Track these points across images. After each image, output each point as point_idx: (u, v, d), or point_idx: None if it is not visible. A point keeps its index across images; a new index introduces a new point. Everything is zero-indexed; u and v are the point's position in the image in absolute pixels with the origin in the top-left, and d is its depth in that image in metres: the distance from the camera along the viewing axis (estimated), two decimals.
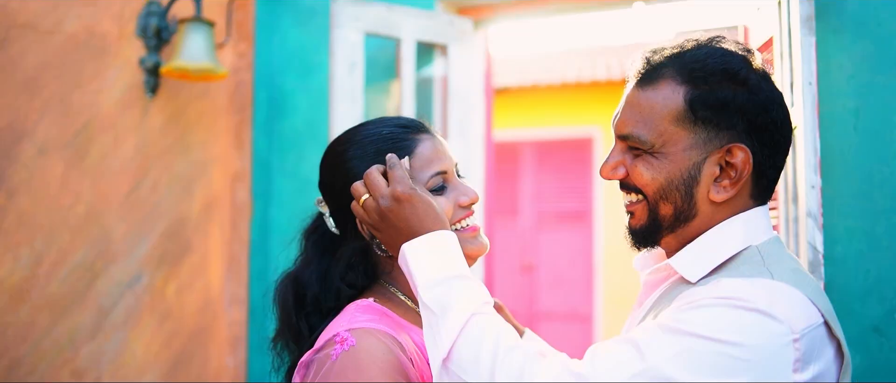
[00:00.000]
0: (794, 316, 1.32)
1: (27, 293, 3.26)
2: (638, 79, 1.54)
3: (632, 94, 1.54)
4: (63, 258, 3.39)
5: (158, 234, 3.78)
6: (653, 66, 1.52)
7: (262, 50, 4.17)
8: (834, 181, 2.77)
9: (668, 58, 1.52)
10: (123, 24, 3.62)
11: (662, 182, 1.48)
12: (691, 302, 1.36)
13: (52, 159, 3.35)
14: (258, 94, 4.18)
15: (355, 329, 1.49)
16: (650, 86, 1.50)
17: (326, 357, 1.47)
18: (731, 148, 1.46)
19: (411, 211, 1.49)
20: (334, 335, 1.49)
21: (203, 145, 3.98)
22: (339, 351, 1.46)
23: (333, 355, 1.46)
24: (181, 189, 3.89)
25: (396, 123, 1.68)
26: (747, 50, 1.54)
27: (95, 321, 3.50)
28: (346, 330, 1.49)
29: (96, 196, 3.52)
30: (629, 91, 1.55)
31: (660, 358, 1.28)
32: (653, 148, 1.48)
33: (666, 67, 1.50)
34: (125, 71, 3.62)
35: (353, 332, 1.48)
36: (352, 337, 1.47)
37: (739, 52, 1.52)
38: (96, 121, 3.51)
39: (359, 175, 1.60)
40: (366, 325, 1.51)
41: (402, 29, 3.52)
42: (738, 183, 1.47)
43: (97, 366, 3.50)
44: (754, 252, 1.47)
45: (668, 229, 1.54)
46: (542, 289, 9.16)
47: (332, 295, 1.67)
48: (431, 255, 1.45)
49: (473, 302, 1.40)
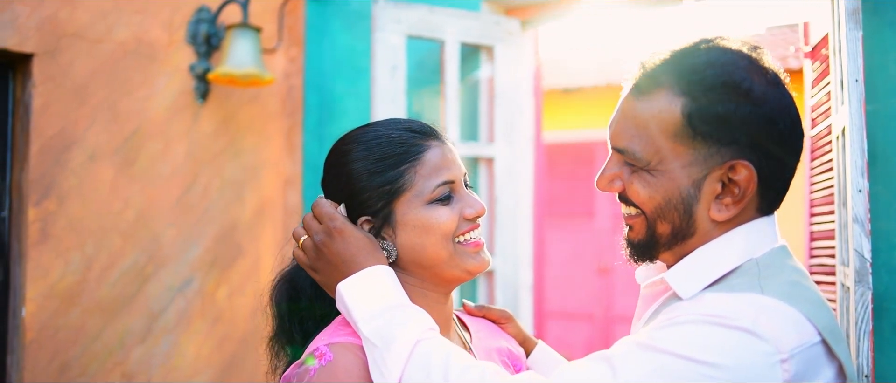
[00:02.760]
0: (783, 335, 1.20)
1: (78, 297, 3.33)
2: (633, 86, 1.43)
3: (626, 102, 1.42)
4: (113, 262, 3.46)
5: (210, 238, 3.82)
6: (648, 74, 1.40)
7: (312, 54, 4.17)
8: (885, 184, 2.57)
9: (664, 64, 1.39)
10: (173, 32, 3.67)
11: (660, 201, 1.38)
12: (671, 318, 1.27)
13: (101, 165, 3.42)
14: (309, 98, 4.19)
15: (334, 343, 1.46)
16: (645, 96, 1.38)
17: (305, 371, 1.44)
18: (734, 165, 1.34)
19: (344, 245, 1.46)
20: (314, 349, 1.47)
21: (254, 150, 4.01)
22: (316, 366, 1.43)
23: (311, 370, 1.43)
24: (232, 193, 3.92)
25: (406, 127, 1.61)
26: (755, 48, 1.40)
27: (146, 324, 3.56)
28: (326, 344, 1.46)
29: (146, 201, 3.57)
30: (624, 98, 1.44)
31: (632, 377, 1.20)
32: (649, 165, 1.37)
33: (662, 75, 1.38)
34: (175, 77, 3.68)
35: (331, 347, 1.45)
36: (330, 352, 1.44)
37: (745, 54, 1.38)
38: (146, 128, 3.57)
39: (361, 177, 1.54)
40: (345, 340, 1.47)
41: (445, 30, 3.46)
42: (742, 201, 1.36)
43: (147, 369, 3.56)
44: (752, 265, 1.34)
45: (665, 246, 1.43)
46: (618, 292, 8.97)
47: (325, 302, 1.63)
48: (368, 289, 1.42)
49: (417, 329, 1.35)
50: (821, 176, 2.99)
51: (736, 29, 5.63)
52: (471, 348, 1.68)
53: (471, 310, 1.83)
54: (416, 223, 1.51)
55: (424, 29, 3.45)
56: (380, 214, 1.53)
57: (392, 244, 1.54)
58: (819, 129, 2.99)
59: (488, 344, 1.74)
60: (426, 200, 1.52)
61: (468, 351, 1.65)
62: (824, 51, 2.93)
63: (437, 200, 1.54)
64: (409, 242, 1.52)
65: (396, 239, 1.53)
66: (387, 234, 1.54)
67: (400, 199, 1.52)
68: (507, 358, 1.74)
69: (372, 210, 1.54)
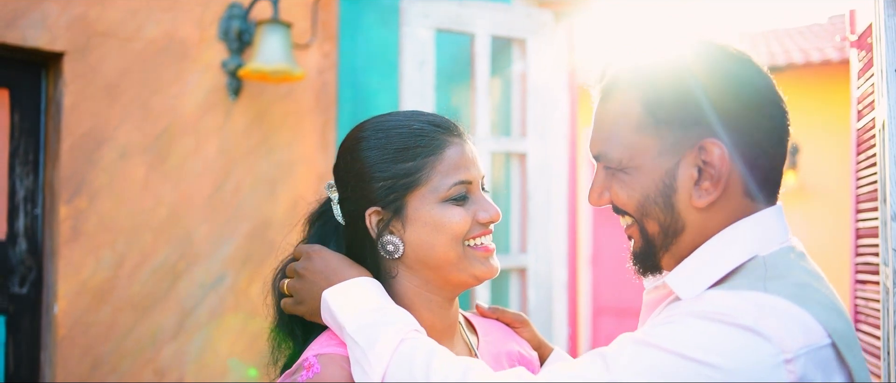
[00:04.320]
0: (788, 335, 1.12)
1: (109, 294, 3.35)
2: (599, 93, 1.42)
3: (596, 110, 1.42)
4: (145, 259, 3.47)
5: (242, 235, 3.82)
6: (609, 77, 1.39)
7: (345, 49, 4.14)
8: None
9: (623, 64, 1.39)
10: (205, 28, 3.66)
11: (639, 198, 1.33)
12: (670, 315, 1.22)
13: (133, 163, 3.43)
14: (342, 93, 4.16)
15: (322, 355, 1.42)
16: (608, 98, 1.38)
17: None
18: (703, 144, 1.27)
19: (324, 263, 1.45)
20: (304, 359, 1.44)
21: (288, 146, 4.00)
22: (304, 377, 1.40)
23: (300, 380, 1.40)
24: (266, 190, 3.91)
25: (429, 120, 1.54)
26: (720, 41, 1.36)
27: (178, 321, 3.57)
28: (314, 355, 1.43)
29: (178, 198, 3.58)
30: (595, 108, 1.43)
31: (626, 376, 1.14)
32: (621, 164, 1.34)
33: (621, 74, 1.37)
34: (207, 74, 3.67)
35: (319, 359, 1.42)
36: (318, 363, 1.41)
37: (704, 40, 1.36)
38: (177, 125, 3.57)
39: (376, 164, 1.49)
40: (333, 351, 1.43)
41: (475, 24, 3.39)
42: (720, 182, 1.28)
43: (179, 366, 3.57)
44: (759, 263, 1.26)
45: (662, 248, 1.36)
46: None
47: None
48: (353, 295, 1.40)
49: (403, 329, 1.32)
50: (866, 170, 2.86)
51: (781, 20, 5.44)
52: (476, 352, 1.62)
53: (484, 312, 1.77)
54: (428, 220, 1.46)
55: (454, 22, 3.38)
56: (391, 206, 1.48)
57: (400, 239, 1.48)
58: (864, 122, 2.86)
59: (498, 347, 1.68)
60: (441, 198, 1.46)
61: (473, 356, 1.60)
62: (869, 39, 2.79)
63: (451, 199, 1.48)
64: (417, 239, 1.47)
65: (405, 234, 1.48)
66: (395, 228, 1.48)
67: (414, 193, 1.47)
68: (517, 361, 1.68)
69: (383, 201, 1.48)
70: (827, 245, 7.47)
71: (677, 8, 7.48)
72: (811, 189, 8.44)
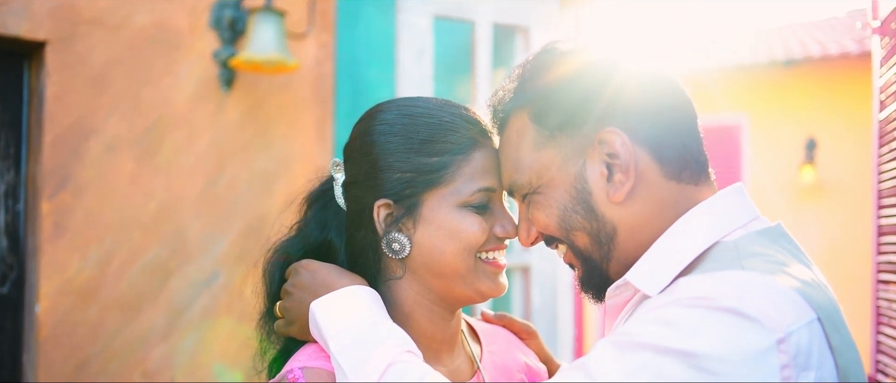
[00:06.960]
0: (776, 312, 1.01)
1: (95, 293, 3.23)
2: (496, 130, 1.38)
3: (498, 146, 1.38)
4: (134, 257, 3.35)
5: (237, 232, 3.69)
6: (497, 110, 1.35)
7: (343, 39, 4.00)
8: None
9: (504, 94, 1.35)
10: (196, 17, 3.53)
11: (558, 213, 1.26)
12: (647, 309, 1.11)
13: (121, 156, 3.31)
14: (340, 85, 4.02)
15: (309, 368, 1.32)
16: (503, 129, 1.34)
17: None
18: (601, 137, 1.22)
19: (311, 277, 1.35)
20: (289, 371, 1.33)
21: (284, 140, 3.86)
22: None
23: None
24: (261, 185, 3.78)
25: (461, 114, 1.40)
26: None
27: (169, 321, 3.45)
28: (300, 367, 1.32)
29: (169, 194, 3.45)
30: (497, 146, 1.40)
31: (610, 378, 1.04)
32: (532, 186, 1.28)
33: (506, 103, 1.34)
34: (198, 65, 3.54)
35: (305, 372, 1.31)
36: (303, 376, 1.31)
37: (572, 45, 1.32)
38: (168, 117, 3.45)
39: (396, 153, 1.35)
40: (320, 365, 1.32)
41: (476, 11, 3.25)
42: (630, 169, 1.21)
43: (170, 368, 3.45)
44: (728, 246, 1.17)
45: (604, 260, 1.26)
46: None
47: None
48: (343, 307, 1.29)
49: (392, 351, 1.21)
50: (888, 164, 2.70)
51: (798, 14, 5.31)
52: (479, 365, 1.49)
53: (490, 319, 1.64)
54: (443, 224, 1.34)
55: (454, 9, 3.24)
56: (404, 202, 1.34)
57: (408, 239, 1.35)
58: (887, 113, 2.70)
59: (504, 358, 1.55)
60: (461, 202, 1.34)
61: (476, 368, 1.48)
62: (894, 25, 2.63)
63: (472, 206, 1.35)
64: (428, 242, 1.34)
65: (415, 234, 1.34)
66: (405, 226, 1.35)
67: (433, 192, 1.34)
68: (524, 373, 1.55)
69: (397, 194, 1.35)
70: (846, 243, 7.29)
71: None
72: (829, 185, 8.25)
